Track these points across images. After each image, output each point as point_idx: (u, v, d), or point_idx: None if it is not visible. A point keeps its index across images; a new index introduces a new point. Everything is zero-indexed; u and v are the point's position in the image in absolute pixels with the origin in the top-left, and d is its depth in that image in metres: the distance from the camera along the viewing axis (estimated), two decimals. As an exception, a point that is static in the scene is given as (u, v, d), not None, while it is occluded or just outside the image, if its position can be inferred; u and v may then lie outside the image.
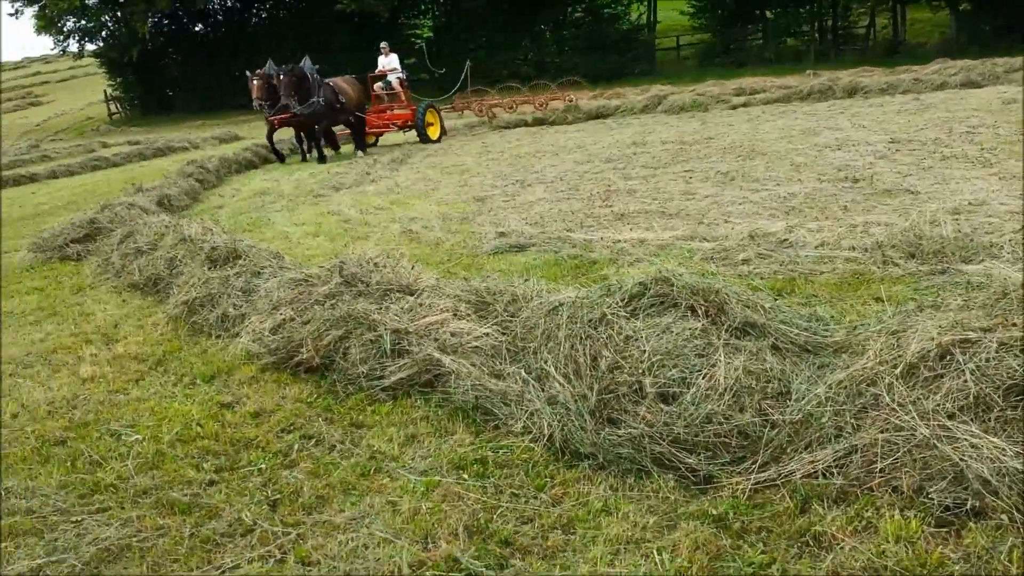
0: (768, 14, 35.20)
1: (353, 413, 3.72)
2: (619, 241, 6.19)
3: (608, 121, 18.53)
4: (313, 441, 3.50)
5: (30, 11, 39.46)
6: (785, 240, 5.59)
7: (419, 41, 21.57)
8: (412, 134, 17.40)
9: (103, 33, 40.38)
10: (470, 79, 21.14)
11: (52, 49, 42.41)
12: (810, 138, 11.08)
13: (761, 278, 4.86)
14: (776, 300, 3.56)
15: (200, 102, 37.95)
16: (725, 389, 2.83)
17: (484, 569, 2.47)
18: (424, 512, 2.83)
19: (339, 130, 16.83)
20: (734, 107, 17.81)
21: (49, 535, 2.94)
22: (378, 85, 17.69)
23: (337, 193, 10.96)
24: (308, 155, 15.96)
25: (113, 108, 41.02)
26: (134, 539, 2.86)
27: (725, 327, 3.13)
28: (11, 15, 42.22)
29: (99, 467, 3.43)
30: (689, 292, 3.27)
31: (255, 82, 14.87)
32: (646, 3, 38.34)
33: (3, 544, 2.90)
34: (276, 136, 15.97)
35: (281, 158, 15.85)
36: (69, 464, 3.49)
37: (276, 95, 14.77)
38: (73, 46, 40.86)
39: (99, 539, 2.87)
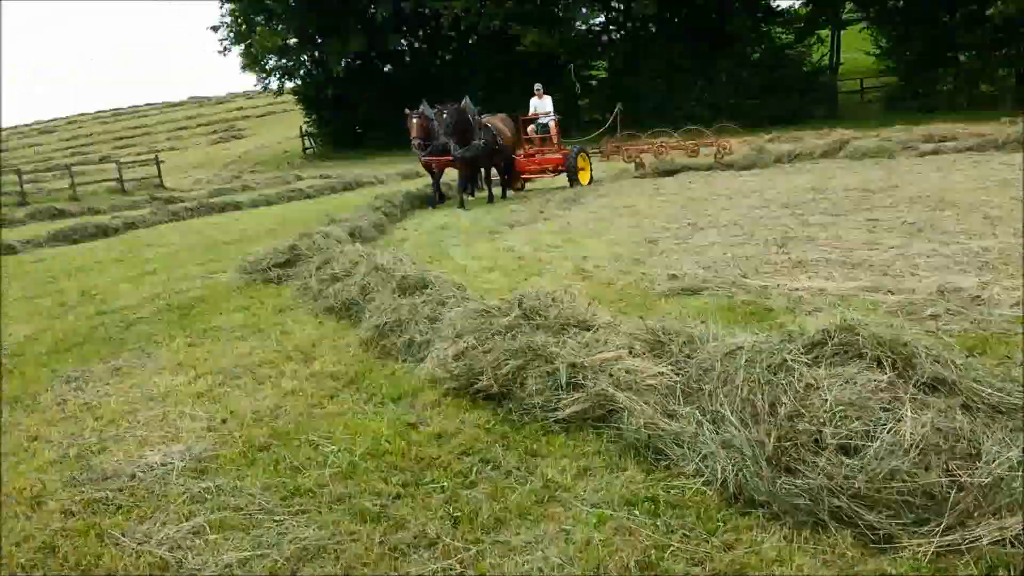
0: (961, 57, 33.06)
1: (528, 442, 3.88)
2: (796, 290, 6.07)
3: (785, 166, 18.06)
4: (491, 465, 3.69)
5: (237, 49, 43.38)
6: (978, 297, 5.30)
7: (568, 67, 20.72)
8: (559, 179, 17.14)
9: (301, 71, 43.73)
10: (619, 123, 20.36)
11: (255, 85, 46.30)
12: (1006, 190, 10.36)
13: (951, 335, 4.64)
14: (968, 358, 3.41)
15: (386, 139, 40.12)
16: (911, 446, 2.76)
17: (655, 603, 2.54)
18: (596, 543, 2.92)
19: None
20: (922, 154, 16.89)
21: (254, 531, 3.27)
22: (531, 128, 17.24)
23: (511, 230, 11.34)
24: (470, 195, 15.59)
25: (307, 143, 44.17)
26: (329, 541, 3.13)
27: (913, 381, 3.05)
28: (220, 52, 46.39)
29: (299, 473, 3.77)
30: (875, 343, 3.22)
31: (414, 121, 14.85)
32: (829, 44, 37.02)
33: (213, 536, 3.25)
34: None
35: (435, 202, 15.49)
36: (272, 468, 3.86)
37: (432, 135, 14.74)
38: (274, 83, 44.50)
39: (298, 539, 3.16)
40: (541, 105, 17.31)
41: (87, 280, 9.83)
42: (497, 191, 16.04)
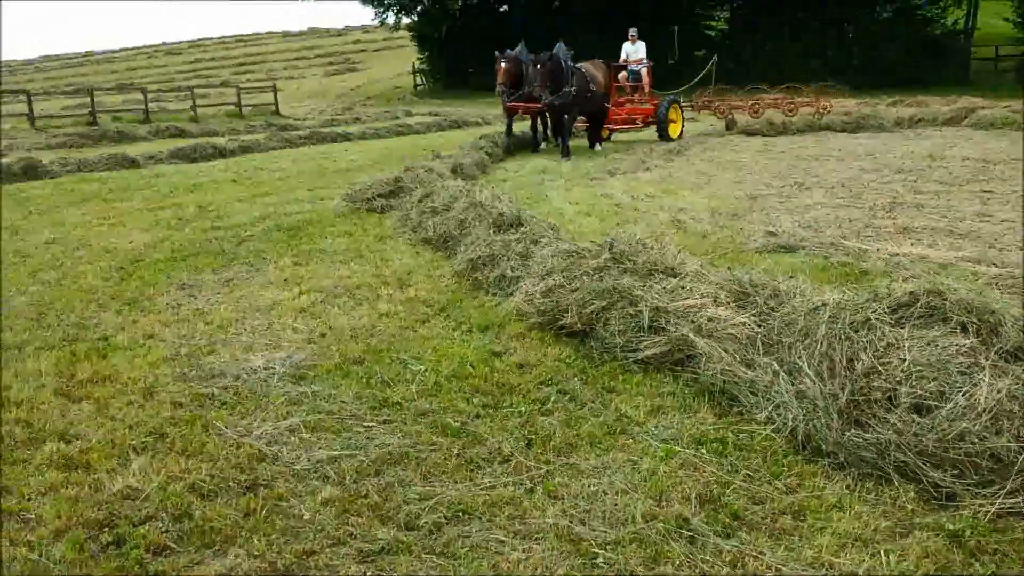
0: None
1: (606, 378, 4.02)
2: (897, 255, 5.94)
3: (906, 131, 17.29)
4: (568, 397, 3.84)
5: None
6: (1089, 276, 5.09)
7: (672, 28, 18.99)
8: (643, 133, 16.55)
9: (418, 8, 43.94)
10: (714, 75, 19.18)
11: (372, 19, 46.80)
12: None
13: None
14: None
15: (494, 81, 40.03)
16: (984, 410, 2.76)
17: (711, 534, 2.65)
18: (661, 474, 3.05)
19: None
20: (1054, 127, 15.88)
21: (344, 434, 3.53)
22: (622, 75, 16.35)
23: (612, 178, 11.33)
24: (544, 144, 15.34)
25: (418, 80, 44.57)
26: (411, 449, 3.35)
27: (995, 349, 3.02)
28: (341, -16, 47.25)
29: (388, 387, 4.02)
30: (962, 308, 3.19)
31: (503, 65, 14.01)
32: (965, 7, 34.73)
33: (307, 435, 3.52)
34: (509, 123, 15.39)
35: (536, 145, 15.27)
36: (364, 381, 4.11)
37: (520, 82, 14.01)
38: (391, 18, 44.89)
39: (384, 444, 3.40)
40: (634, 51, 16.54)
41: (203, 197, 10.38)
42: (582, 144, 15.38)
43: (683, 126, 16.75)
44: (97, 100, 25.82)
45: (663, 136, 15.69)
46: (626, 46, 16.69)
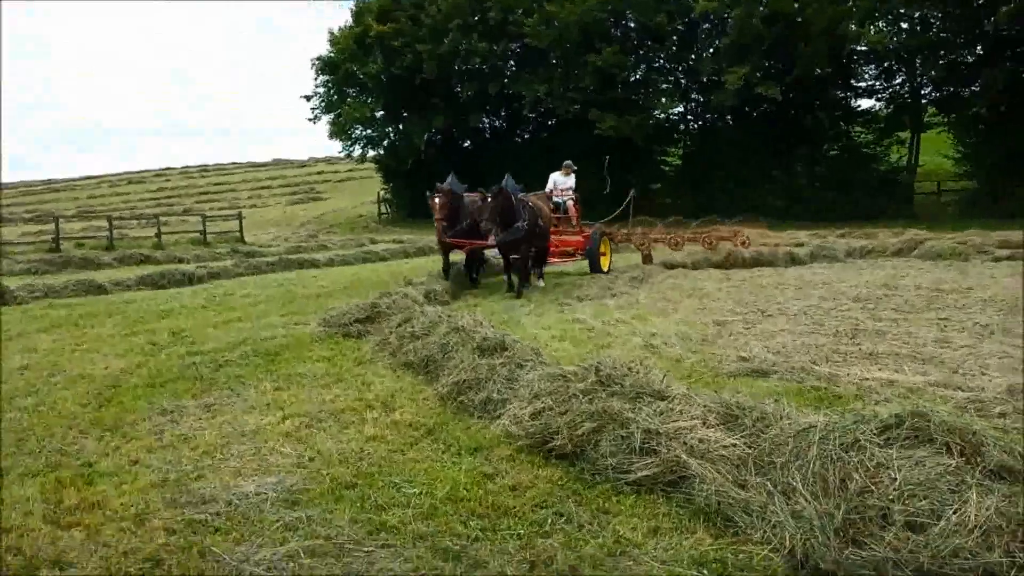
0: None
1: (600, 500, 4.07)
2: (867, 379, 6.16)
3: (859, 261, 18.07)
4: (564, 519, 3.87)
5: (327, 117, 45.49)
6: (1050, 399, 5.33)
7: (604, 158, 18.37)
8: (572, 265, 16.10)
9: (385, 142, 45.51)
10: (631, 209, 18.44)
11: (339, 152, 48.28)
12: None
13: (1017, 431, 4.69)
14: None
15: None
16: (976, 526, 2.88)
17: (723, 654, 2.68)
18: (667, 596, 3.08)
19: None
20: (997, 259, 16.74)
21: (345, 559, 3.51)
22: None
23: (580, 304, 11.59)
24: (477, 280, 14.30)
25: (383, 208, 45.57)
26: (414, 574, 3.34)
27: (980, 468, 3.17)
28: (310, 120, 48.98)
29: (384, 511, 4.01)
30: (946, 429, 3.35)
31: (437, 200, 13.24)
32: (907, 146, 37.03)
33: (306, 560, 3.50)
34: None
35: (475, 282, 14.21)
36: (359, 505, 4.11)
37: (457, 215, 13.31)
38: (357, 151, 46.35)
39: (385, 569, 3.39)
40: (563, 182, 15.95)
41: (176, 322, 10.37)
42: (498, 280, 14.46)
43: (611, 258, 16.17)
44: (60, 227, 25.89)
45: (595, 269, 15.05)
46: (556, 176, 16.09)
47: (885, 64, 36.31)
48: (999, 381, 6.00)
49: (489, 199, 12.38)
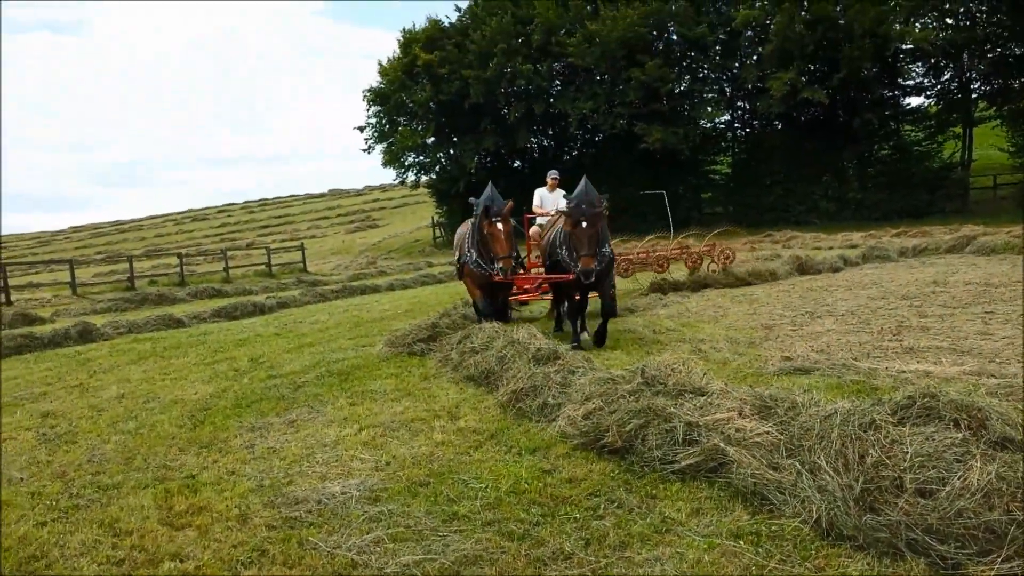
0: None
1: (648, 487, 4.51)
2: (904, 372, 6.47)
3: (910, 260, 18.09)
4: (616, 504, 4.33)
5: (380, 147, 46.75)
6: (1079, 382, 5.60)
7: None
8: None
9: (436, 167, 46.53)
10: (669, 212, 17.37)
11: (393, 180, 49.48)
12: None
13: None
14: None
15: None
16: (978, 489, 3.26)
17: (753, 605, 3.11)
18: (706, 562, 3.52)
19: None
20: (1053, 251, 16.64)
21: (423, 542, 4.01)
22: (533, 230, 12.47)
23: (632, 315, 11.99)
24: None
25: (437, 232, 46.50)
26: (484, 552, 3.84)
27: (984, 440, 3.54)
28: (364, 151, 50.59)
29: (455, 503, 4.52)
30: (953, 408, 3.73)
31: (500, 226, 9.13)
32: (961, 141, 36.48)
33: (390, 545, 4.01)
34: None
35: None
36: (432, 499, 4.62)
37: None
38: (411, 177, 47.47)
39: (459, 549, 3.89)
40: (550, 199, 12.43)
41: (253, 350, 11.09)
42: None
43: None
44: (133, 265, 27.25)
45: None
46: (542, 192, 12.65)
47: (932, 61, 35.93)
48: (1034, 368, 6.26)
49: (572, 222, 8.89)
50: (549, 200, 12.41)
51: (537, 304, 13.47)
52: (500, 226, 9.19)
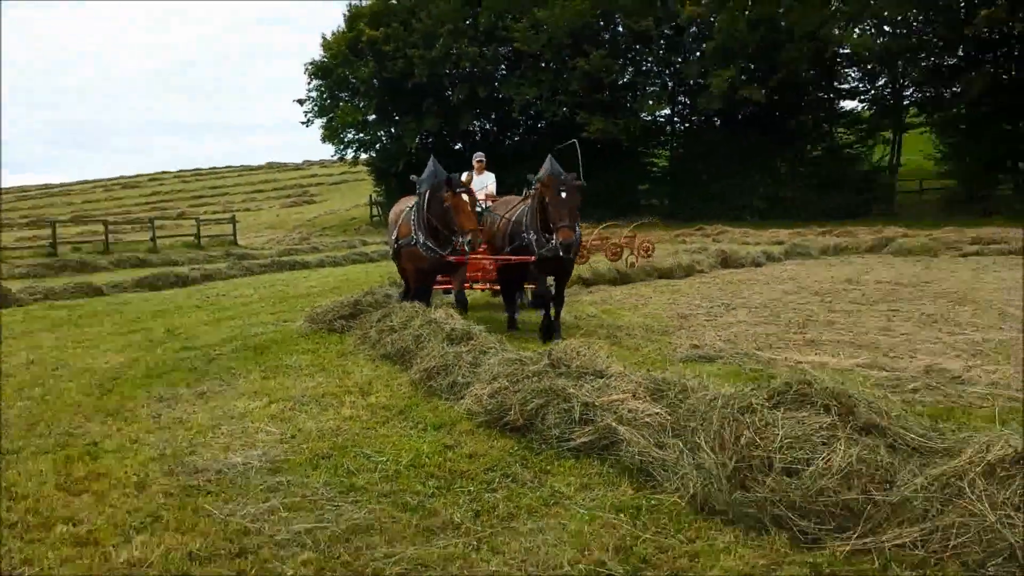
0: (1021, 164, 33.41)
1: (543, 463, 4.67)
2: (800, 362, 6.77)
3: (831, 258, 18.72)
4: (510, 478, 4.48)
5: (319, 121, 46.07)
6: (958, 377, 5.96)
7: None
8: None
9: (377, 145, 46.07)
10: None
11: (332, 156, 48.81)
12: (1034, 290, 10.91)
13: (923, 405, 5.31)
14: (905, 412, 4.11)
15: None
16: (839, 470, 3.48)
17: (622, 573, 3.28)
18: (586, 533, 3.69)
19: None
20: (965, 255, 17.43)
21: (317, 511, 4.10)
22: None
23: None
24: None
25: (375, 211, 46.12)
26: (376, 522, 3.94)
27: (851, 425, 3.77)
28: (303, 123, 49.85)
29: (354, 475, 4.61)
30: (826, 394, 3.96)
31: (465, 196, 8.38)
32: (890, 146, 37.69)
33: (285, 513, 4.08)
34: None
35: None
36: (332, 471, 4.70)
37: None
38: (350, 154, 46.90)
39: (351, 518, 3.98)
40: (482, 181, 11.86)
41: (171, 321, 10.95)
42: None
43: None
44: (56, 231, 26.44)
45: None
46: (469, 175, 11.91)
47: (868, 66, 36.96)
48: (920, 363, 6.62)
49: (541, 196, 8.44)
50: (477, 184, 11.57)
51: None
52: (466, 197, 8.52)
